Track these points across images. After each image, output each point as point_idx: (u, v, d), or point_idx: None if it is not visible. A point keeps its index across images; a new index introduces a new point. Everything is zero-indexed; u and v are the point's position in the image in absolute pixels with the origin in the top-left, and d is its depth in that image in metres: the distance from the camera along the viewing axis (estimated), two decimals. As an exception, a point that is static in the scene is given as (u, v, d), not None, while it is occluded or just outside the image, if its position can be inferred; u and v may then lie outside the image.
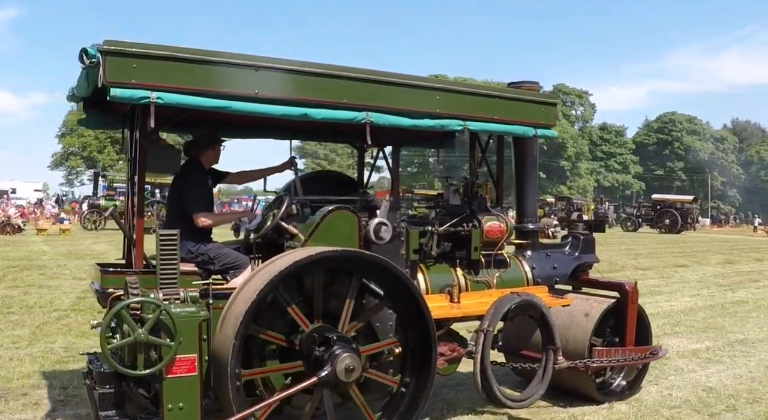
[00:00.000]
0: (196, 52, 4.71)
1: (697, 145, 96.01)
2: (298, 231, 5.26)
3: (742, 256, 27.79)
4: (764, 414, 6.46)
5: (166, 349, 4.29)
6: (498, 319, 5.82)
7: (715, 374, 7.93)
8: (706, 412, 6.51)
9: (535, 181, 7.18)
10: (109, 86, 4.34)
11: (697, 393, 7.14)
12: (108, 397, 4.71)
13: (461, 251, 6.19)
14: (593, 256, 7.40)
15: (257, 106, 4.80)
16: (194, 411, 4.37)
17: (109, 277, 4.98)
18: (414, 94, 5.48)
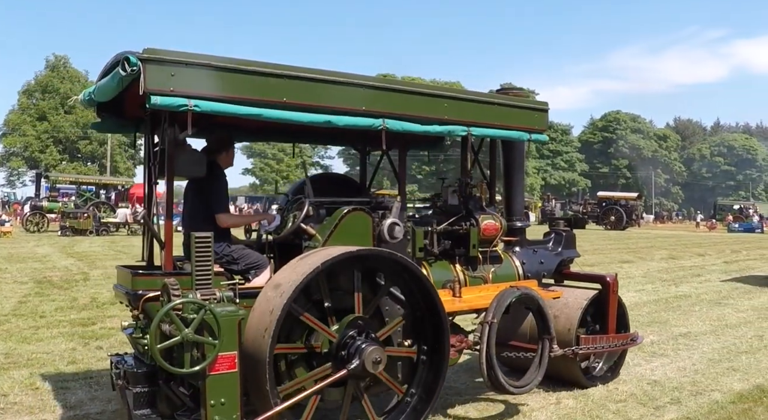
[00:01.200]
0: (230, 60, 4.90)
1: (641, 143, 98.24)
2: (316, 232, 5.50)
3: (685, 251, 28.48)
4: (707, 406, 6.60)
5: (209, 348, 4.44)
6: (501, 311, 6.10)
7: (659, 368, 8.07)
8: (651, 405, 6.62)
9: (522, 181, 7.60)
10: (149, 94, 4.47)
11: (642, 386, 7.25)
12: (142, 397, 4.86)
13: (460, 248, 6.54)
14: (574, 251, 7.88)
15: (285, 113, 5.02)
16: (235, 406, 4.54)
17: (140, 279, 5.08)
18: (424, 102, 5.80)
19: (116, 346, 8.74)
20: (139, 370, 4.95)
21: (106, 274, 16.78)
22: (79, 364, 7.92)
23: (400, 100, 5.64)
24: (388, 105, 5.55)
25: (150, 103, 4.50)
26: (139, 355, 5.29)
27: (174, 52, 4.60)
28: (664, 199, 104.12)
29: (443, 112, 5.91)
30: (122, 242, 30.08)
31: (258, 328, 4.71)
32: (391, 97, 5.60)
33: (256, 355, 4.67)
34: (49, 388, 6.92)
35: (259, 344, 4.65)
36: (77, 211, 36.44)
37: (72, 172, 61.16)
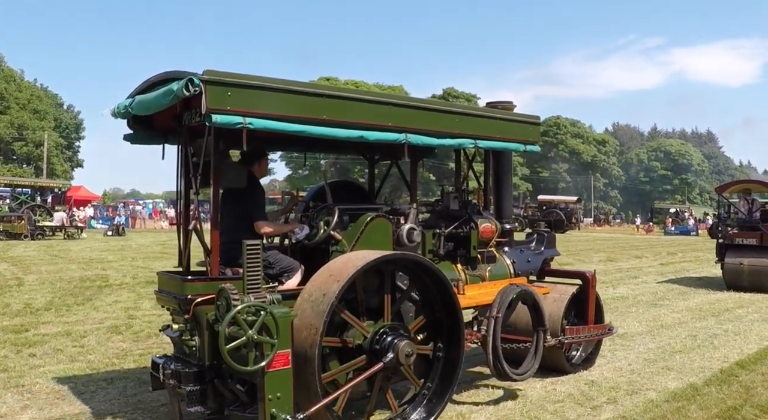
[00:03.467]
0: (279, 81, 5.33)
1: (581, 147, 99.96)
2: (342, 237, 5.97)
3: (623, 253, 29.16)
4: (643, 405, 6.72)
5: (267, 347, 4.83)
6: (505, 306, 6.73)
7: (596, 368, 8.17)
8: (589, 405, 6.73)
9: (511, 187, 8.30)
10: (210, 113, 4.83)
11: (579, 387, 7.38)
12: (194, 394, 5.19)
13: (461, 250, 7.12)
14: (555, 250, 8.65)
15: (326, 129, 5.47)
16: (289, 399, 4.93)
17: (191, 284, 5.42)
18: (440, 118, 6.40)
19: (50, 353, 8.61)
20: (190, 369, 5.27)
21: (41, 280, 16.44)
22: (11, 372, 7.74)
23: (419, 117, 6.20)
24: (409, 121, 6.09)
25: (211, 121, 4.85)
26: (184, 355, 5.59)
27: (230, 73, 4.99)
28: (603, 202, 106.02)
29: (455, 126, 6.50)
30: (59, 246, 29.42)
31: (308, 326, 5.11)
32: (412, 113, 6.16)
33: (305, 351, 5.07)
34: (-21, 397, 6.73)
35: (308, 341, 5.07)
36: (11, 214, 35.53)
37: (6, 175, 59.54)
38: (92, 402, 6.64)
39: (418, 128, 6.15)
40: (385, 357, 5.46)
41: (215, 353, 5.15)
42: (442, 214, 7.30)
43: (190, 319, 5.37)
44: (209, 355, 5.24)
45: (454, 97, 79.54)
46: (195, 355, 5.39)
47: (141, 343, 9.42)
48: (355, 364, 5.52)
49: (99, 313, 11.87)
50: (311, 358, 5.03)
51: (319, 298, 5.19)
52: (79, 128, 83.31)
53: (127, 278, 17.07)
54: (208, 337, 5.22)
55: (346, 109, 5.65)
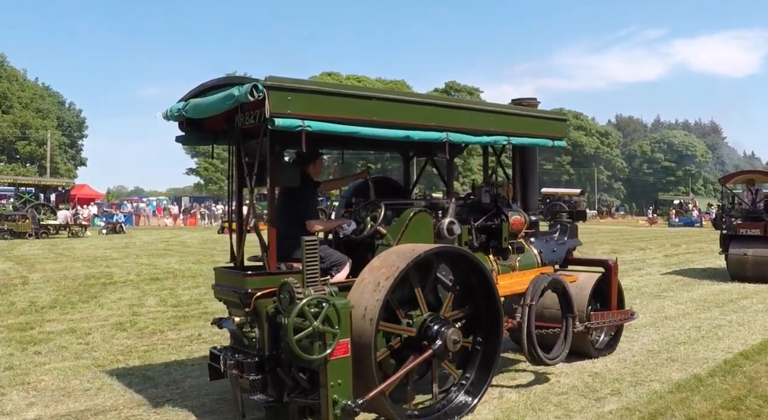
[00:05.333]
0: (333, 85, 5.69)
1: (584, 140, 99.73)
2: (387, 231, 6.28)
3: (627, 245, 29.14)
4: (647, 396, 6.74)
5: (329, 336, 5.12)
6: (538, 295, 7.07)
7: (600, 360, 8.19)
8: (593, 397, 6.75)
9: (536, 181, 8.59)
10: (273, 117, 5.13)
11: (583, 378, 7.41)
12: (257, 383, 5.51)
13: (493, 241, 7.42)
14: (577, 240, 8.97)
15: (375, 130, 5.79)
16: (348, 385, 5.24)
17: (252, 279, 5.70)
18: (477, 117, 6.73)
19: (55, 351, 8.65)
20: (251, 360, 5.58)
21: (46, 278, 16.49)
22: (16, 369, 7.81)
23: (458, 116, 6.53)
24: (449, 120, 6.41)
25: (273, 125, 5.15)
26: (243, 346, 5.88)
27: (290, 79, 5.29)
28: (606, 194, 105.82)
29: (490, 124, 6.83)
30: (63, 245, 29.50)
31: (364, 316, 5.42)
32: (452, 113, 6.49)
33: (363, 339, 5.38)
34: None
35: (365, 330, 5.38)
36: (16, 213, 35.60)
37: (10, 174, 59.62)
38: (97, 398, 6.71)
39: (457, 127, 6.46)
40: (434, 344, 5.80)
41: (275, 344, 5.56)
42: (474, 208, 7.57)
43: (250, 312, 5.66)
44: (269, 346, 5.58)
45: (456, 91, 79.49)
46: (255, 345, 5.70)
47: (145, 339, 9.47)
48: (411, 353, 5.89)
49: (103, 310, 11.95)
50: (368, 346, 5.37)
51: (375, 289, 5.51)
52: (81, 126, 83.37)
53: (131, 275, 17.14)
54: (268, 329, 5.57)
55: (394, 111, 5.98)
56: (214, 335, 9.58)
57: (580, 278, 8.24)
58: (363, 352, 5.38)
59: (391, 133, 5.91)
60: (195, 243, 31.41)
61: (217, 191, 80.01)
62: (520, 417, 6.10)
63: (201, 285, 15.29)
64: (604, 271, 8.46)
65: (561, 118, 7.90)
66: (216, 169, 79.24)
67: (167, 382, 7.26)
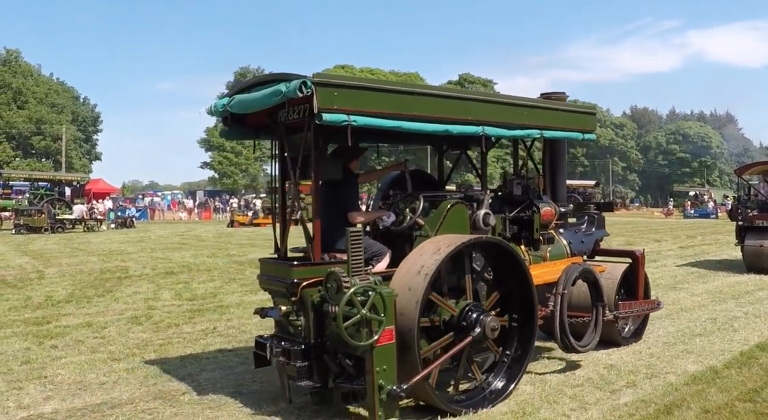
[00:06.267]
0: (377, 82, 5.93)
1: (598, 131, 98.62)
2: (425, 223, 6.47)
3: (642, 237, 29.01)
4: (662, 388, 6.70)
5: (375, 323, 5.34)
6: (570, 283, 7.26)
7: (615, 352, 8.15)
8: (608, 389, 6.71)
9: (565, 173, 8.74)
10: (320, 112, 5.32)
11: (598, 371, 7.38)
12: (304, 370, 5.73)
13: (525, 232, 7.60)
14: (604, 231, 9.15)
15: (417, 124, 5.97)
16: (393, 371, 5.46)
17: (298, 269, 5.89)
18: (511, 111, 6.90)
19: (72, 345, 8.70)
20: (297, 347, 5.78)
21: (62, 272, 16.61)
22: (33, 363, 7.85)
23: (494, 110, 6.69)
24: (486, 115, 6.58)
25: (321, 120, 5.34)
26: (288, 335, 6.09)
27: (336, 75, 5.54)
28: (621, 186, 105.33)
29: (524, 118, 7.00)
30: (78, 239, 29.67)
31: (408, 304, 5.62)
32: (489, 107, 6.65)
33: (406, 326, 5.59)
34: (2, 388, 6.90)
35: (409, 317, 5.59)
36: (31, 208, 35.83)
37: (26, 169, 60.02)
38: (114, 392, 6.75)
39: (493, 121, 6.64)
40: (473, 331, 5.99)
41: (320, 331, 5.78)
42: (505, 200, 7.73)
43: (296, 301, 5.86)
44: (314, 333, 5.79)
45: (470, 83, 79.34)
46: (300, 333, 5.91)
47: (161, 333, 9.53)
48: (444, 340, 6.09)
49: (119, 304, 12.03)
50: (411, 332, 5.57)
51: (417, 278, 5.70)
52: (96, 121, 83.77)
53: (146, 269, 17.25)
54: (313, 317, 5.77)
55: (433, 105, 6.16)
56: (230, 329, 9.67)
57: (608, 268, 8.41)
58: (406, 339, 5.58)
59: (431, 128, 6.09)
60: (210, 237, 31.55)
61: (232, 185, 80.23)
62: (535, 409, 6.09)
63: (216, 279, 15.37)
64: (631, 261, 8.64)
65: (590, 111, 8.08)
66: (230, 163, 79.44)
67: (183, 375, 7.30)
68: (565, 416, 5.91)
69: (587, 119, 7.94)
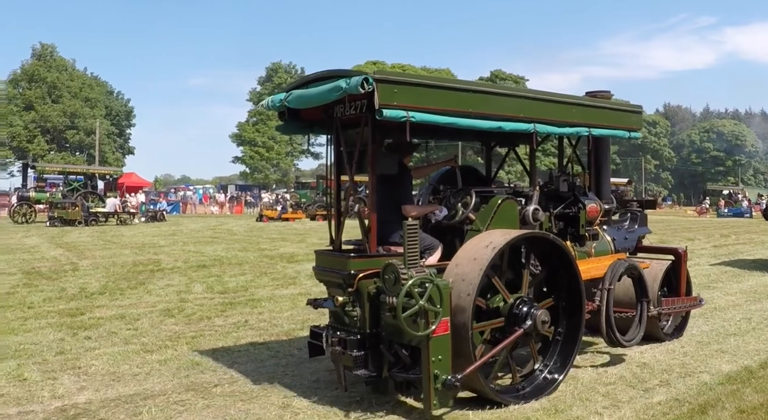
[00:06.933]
0: (435, 79, 6.07)
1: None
2: (476, 218, 6.61)
3: (675, 236, 28.63)
4: (696, 387, 6.63)
5: (432, 314, 5.48)
6: (616, 279, 7.39)
7: (648, 350, 8.09)
8: (641, 387, 6.65)
9: (609, 171, 8.88)
10: (381, 108, 5.48)
11: (631, 369, 7.32)
12: (360, 359, 5.90)
13: (570, 228, 7.72)
14: (647, 228, 9.31)
15: (472, 121, 6.12)
16: (448, 361, 5.60)
17: (355, 261, 6.08)
18: (562, 109, 7.02)
19: (105, 336, 8.79)
20: (353, 337, 5.95)
21: (95, 264, 16.78)
22: (68, 354, 7.93)
23: (545, 108, 6.82)
24: (537, 112, 6.71)
25: (381, 116, 5.49)
26: (344, 325, 6.23)
27: (396, 72, 5.71)
28: (653, 184, 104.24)
29: (573, 116, 7.14)
30: (111, 232, 29.95)
31: (461, 295, 5.75)
32: (540, 105, 6.78)
33: (460, 318, 5.73)
34: (37, 378, 6.95)
35: (463, 309, 5.72)
36: (65, 201, 36.23)
37: (60, 162, 60.75)
38: (146, 383, 6.81)
39: (544, 119, 6.77)
40: (524, 324, 6.12)
41: (375, 322, 5.94)
42: (551, 196, 7.79)
43: (353, 293, 6.02)
44: (370, 324, 5.96)
45: (502, 79, 78.96)
46: (356, 324, 6.06)
47: (193, 325, 9.60)
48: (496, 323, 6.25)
49: (152, 296, 12.13)
50: (465, 324, 5.71)
51: (471, 271, 5.84)
52: (129, 115, 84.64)
53: (178, 262, 17.38)
54: (369, 308, 5.94)
55: (488, 103, 6.28)
56: (261, 322, 9.73)
57: (651, 265, 8.48)
58: (461, 331, 5.71)
59: (485, 124, 6.23)
60: (241, 231, 31.72)
61: (263, 179, 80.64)
62: (567, 406, 6.06)
63: (247, 272, 15.45)
64: (673, 258, 8.77)
65: (637, 110, 8.12)
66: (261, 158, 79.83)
67: (214, 367, 7.36)
68: (598, 414, 5.89)
69: (633, 117, 8.03)
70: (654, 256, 9.02)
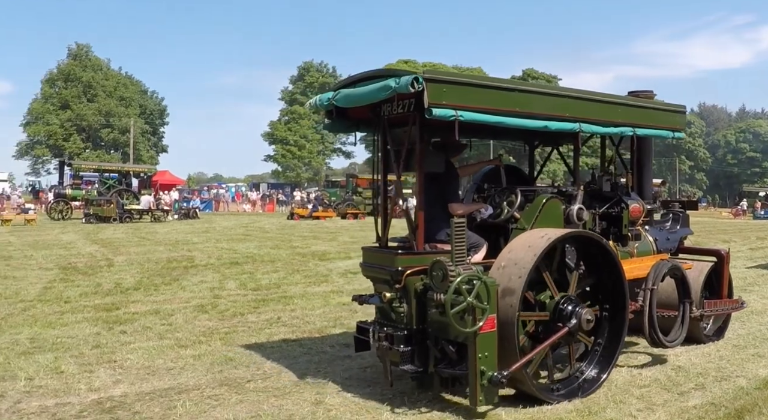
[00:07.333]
0: (482, 78, 6.21)
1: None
2: (521, 216, 6.66)
3: (710, 238, 28.20)
4: (732, 392, 6.51)
5: (479, 311, 5.54)
6: (659, 279, 7.36)
7: (684, 353, 7.95)
8: (676, 391, 6.56)
9: (651, 171, 8.81)
10: (430, 107, 5.54)
11: (666, 372, 7.22)
12: (407, 354, 5.96)
13: (613, 228, 7.72)
14: (688, 229, 9.23)
15: (518, 120, 6.17)
16: (494, 358, 5.64)
17: (403, 257, 6.16)
18: (607, 109, 7.03)
19: (140, 331, 8.91)
20: (401, 333, 6.02)
21: (130, 261, 16.99)
22: (103, 348, 8.03)
23: (590, 108, 6.83)
24: (582, 112, 6.73)
25: (431, 114, 5.56)
26: (391, 321, 6.29)
27: (445, 72, 5.77)
28: (688, 185, 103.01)
29: (618, 116, 7.14)
30: (146, 229, 30.27)
31: (508, 293, 5.81)
32: (585, 105, 6.79)
33: (506, 315, 5.78)
34: (74, 371, 7.04)
35: (509, 306, 5.78)
36: (101, 198, 36.69)
37: (95, 160, 61.52)
38: (180, 377, 6.87)
39: (588, 118, 6.78)
40: (569, 322, 6.17)
41: (422, 318, 6.00)
42: (594, 195, 7.79)
43: (400, 289, 6.10)
44: (416, 320, 6.02)
45: (534, 78, 78.51)
46: (402, 320, 6.12)
47: (226, 321, 9.68)
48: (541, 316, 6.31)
49: (185, 292, 12.25)
50: (511, 321, 5.77)
51: (524, 255, 5.92)
52: (163, 114, 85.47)
53: (212, 259, 17.53)
54: (416, 304, 6.01)
55: (534, 102, 6.32)
56: (293, 319, 9.78)
57: (694, 266, 8.42)
58: (507, 328, 5.77)
59: (531, 124, 6.27)
60: (273, 228, 31.91)
61: (295, 178, 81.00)
62: (600, 408, 6.01)
63: (279, 270, 15.55)
64: (716, 260, 8.71)
65: (681, 110, 8.07)
66: (293, 156, 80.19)
67: (248, 363, 7.41)
68: (632, 417, 5.83)
69: (677, 117, 7.99)
70: (695, 258, 8.95)
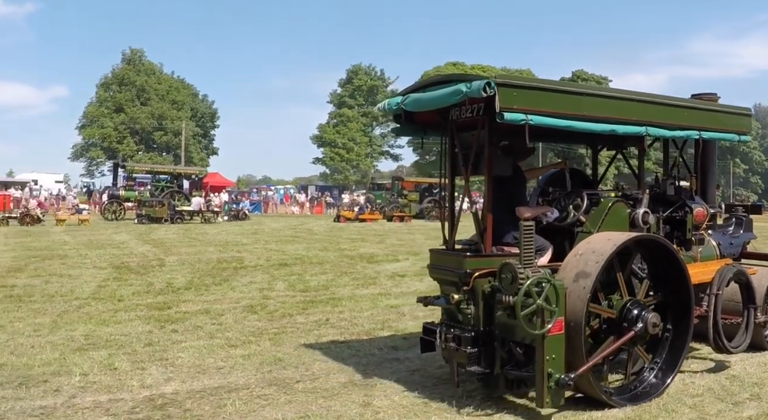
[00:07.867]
0: (551, 82, 6.21)
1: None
2: (586, 220, 6.70)
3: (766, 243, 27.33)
4: (789, 402, 6.29)
5: (548, 313, 5.59)
6: (724, 284, 7.29)
7: (738, 362, 7.74)
8: (730, 401, 6.38)
9: (715, 175, 8.82)
10: (501, 111, 5.62)
11: (720, 381, 7.04)
12: (474, 356, 6.00)
13: (677, 232, 7.69)
14: (752, 233, 9.10)
15: (586, 124, 6.20)
16: (561, 360, 5.67)
17: (471, 260, 6.22)
18: (672, 112, 7.01)
19: (191, 330, 9.04)
20: (468, 334, 6.08)
21: (181, 261, 17.25)
22: (155, 346, 8.17)
23: (656, 111, 6.83)
24: (648, 115, 6.73)
25: (502, 119, 5.65)
26: (458, 322, 6.35)
27: (516, 76, 5.96)
28: (742, 189, 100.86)
29: (683, 119, 7.11)
30: (196, 230, 30.69)
31: (576, 295, 5.83)
32: (651, 108, 6.80)
33: (574, 318, 5.81)
34: (127, 368, 7.19)
35: (577, 309, 5.80)
36: (153, 199, 37.30)
37: (148, 162, 62.53)
38: (230, 376, 6.96)
39: (655, 121, 6.78)
40: (635, 326, 6.15)
41: (489, 320, 6.05)
42: (658, 199, 7.75)
43: (468, 291, 6.15)
44: (483, 322, 6.08)
45: (584, 80, 77.61)
46: (470, 321, 6.18)
47: (275, 322, 9.75)
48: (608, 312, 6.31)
49: (235, 293, 12.39)
50: (579, 324, 5.79)
51: (603, 245, 6.00)
52: (213, 117, 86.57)
53: (261, 260, 17.67)
54: (483, 306, 6.07)
55: (601, 106, 6.37)
56: (342, 321, 9.84)
57: (759, 272, 8.27)
58: (574, 331, 5.79)
59: (599, 127, 6.30)
60: (321, 231, 32.06)
61: (343, 180, 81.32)
62: (652, 417, 5.91)
63: (328, 271, 15.62)
64: None
65: (746, 113, 8.00)
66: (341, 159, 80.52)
67: (296, 364, 7.46)
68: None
69: (743, 120, 7.91)
70: (759, 263, 8.79)
